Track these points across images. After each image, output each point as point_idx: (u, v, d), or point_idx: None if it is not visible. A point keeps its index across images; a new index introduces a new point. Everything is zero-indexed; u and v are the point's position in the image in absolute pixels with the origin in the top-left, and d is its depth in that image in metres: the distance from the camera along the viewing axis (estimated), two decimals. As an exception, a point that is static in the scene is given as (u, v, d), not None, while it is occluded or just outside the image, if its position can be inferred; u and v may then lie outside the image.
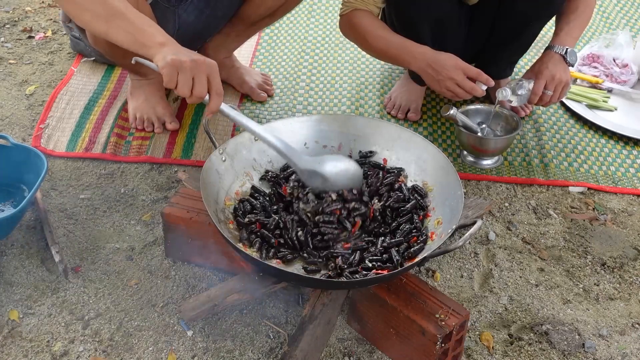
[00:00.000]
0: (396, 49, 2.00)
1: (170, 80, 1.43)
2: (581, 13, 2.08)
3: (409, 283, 1.51)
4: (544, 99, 2.05)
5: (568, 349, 1.61)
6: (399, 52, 2.00)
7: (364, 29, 2.04)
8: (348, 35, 2.14)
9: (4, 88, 2.37)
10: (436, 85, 1.96)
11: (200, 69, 1.43)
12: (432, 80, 1.96)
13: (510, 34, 2.14)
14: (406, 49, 1.98)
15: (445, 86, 1.93)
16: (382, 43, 2.02)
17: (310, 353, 1.46)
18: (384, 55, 2.09)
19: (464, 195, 1.56)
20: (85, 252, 1.79)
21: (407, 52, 1.98)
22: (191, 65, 1.43)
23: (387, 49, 2.02)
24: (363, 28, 2.04)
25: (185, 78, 1.43)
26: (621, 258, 1.85)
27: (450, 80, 1.92)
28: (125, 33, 1.51)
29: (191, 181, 1.78)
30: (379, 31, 2.02)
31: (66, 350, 1.55)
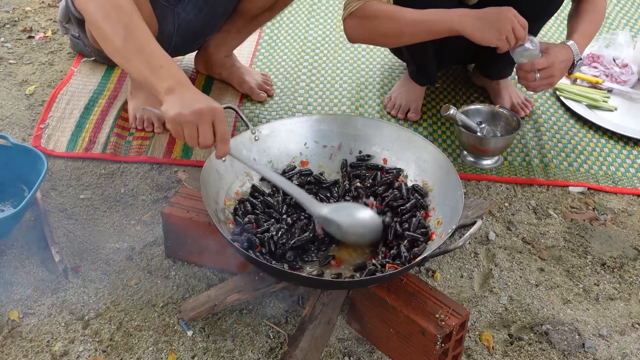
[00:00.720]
0: (434, 17, 1.89)
1: (176, 134, 1.46)
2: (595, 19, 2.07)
3: (409, 283, 1.51)
4: (528, 78, 1.97)
5: (568, 349, 1.61)
6: (437, 19, 1.88)
7: (389, 13, 1.91)
8: (362, 32, 2.00)
9: (4, 88, 2.37)
10: (494, 33, 1.84)
11: (203, 120, 1.43)
12: (487, 29, 1.85)
13: None
14: (447, 13, 1.88)
15: (505, 29, 1.84)
16: (416, 16, 1.90)
17: (310, 353, 1.46)
18: (419, 31, 1.93)
19: (464, 195, 1.56)
20: (85, 252, 1.79)
21: (448, 16, 1.87)
22: (193, 119, 1.43)
23: (423, 21, 1.90)
24: (388, 13, 1.91)
25: (190, 131, 1.44)
26: (621, 258, 1.86)
27: (509, 22, 1.84)
28: (139, 73, 1.52)
29: (191, 181, 1.79)
30: (405, 10, 1.91)
31: (66, 350, 1.55)
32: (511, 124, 2.11)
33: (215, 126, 1.45)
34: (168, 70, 1.50)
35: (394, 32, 1.97)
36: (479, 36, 1.86)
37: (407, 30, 1.95)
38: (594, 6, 2.08)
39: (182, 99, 1.46)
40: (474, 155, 2.13)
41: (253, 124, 1.81)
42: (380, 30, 1.97)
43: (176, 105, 1.45)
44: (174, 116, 1.44)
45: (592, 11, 2.07)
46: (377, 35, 2.01)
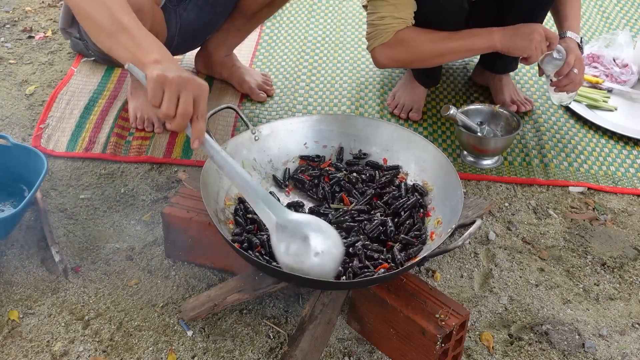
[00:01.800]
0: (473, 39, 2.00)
1: (154, 95, 1.31)
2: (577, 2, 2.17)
3: (409, 283, 1.51)
4: (570, 76, 2.07)
5: (568, 349, 1.61)
6: (477, 41, 2.00)
7: (425, 40, 1.99)
8: (398, 60, 2.08)
9: (4, 88, 2.37)
10: (526, 43, 1.96)
11: (187, 87, 1.31)
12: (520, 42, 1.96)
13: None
14: (482, 32, 1.99)
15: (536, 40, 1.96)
16: (454, 43, 2.00)
17: (310, 353, 1.46)
18: (457, 54, 2.07)
19: (464, 195, 1.56)
20: (85, 252, 1.79)
21: (485, 33, 1.99)
22: (177, 82, 1.30)
23: (461, 45, 2.01)
24: (424, 40, 1.99)
25: (170, 95, 1.31)
26: (621, 258, 1.86)
27: (539, 35, 1.96)
28: (125, 50, 1.42)
29: (191, 181, 1.78)
30: (441, 35, 2.00)
31: (66, 350, 1.55)
32: (511, 124, 2.11)
33: (197, 101, 1.32)
34: (153, 45, 1.41)
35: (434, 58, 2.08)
36: (514, 47, 1.98)
37: (448, 56, 2.09)
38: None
39: (169, 67, 1.34)
40: (474, 155, 2.13)
41: (253, 124, 1.81)
42: (419, 58, 2.06)
43: (162, 69, 1.33)
44: (157, 76, 1.30)
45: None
46: (414, 62, 2.12)
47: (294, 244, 1.38)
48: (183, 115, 1.32)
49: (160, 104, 1.32)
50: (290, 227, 1.39)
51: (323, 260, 1.38)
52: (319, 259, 1.37)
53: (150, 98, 1.32)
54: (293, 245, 1.38)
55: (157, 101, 1.32)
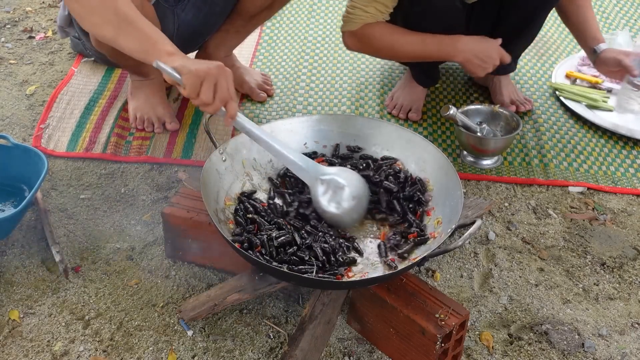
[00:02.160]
0: (435, 46, 2.02)
1: (193, 89, 1.45)
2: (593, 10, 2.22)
3: (409, 283, 1.52)
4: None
5: (568, 349, 1.61)
6: (438, 49, 2.03)
7: (387, 38, 2.03)
8: (360, 49, 2.14)
9: (5, 88, 2.38)
10: (478, 70, 2.04)
11: (221, 75, 1.47)
12: (475, 67, 2.04)
13: (516, 28, 2.14)
14: (446, 44, 2.02)
15: (486, 70, 2.05)
16: (416, 46, 2.03)
17: (310, 353, 1.47)
18: (418, 56, 2.09)
19: (464, 195, 1.56)
20: (86, 252, 1.79)
21: (448, 47, 2.02)
22: (216, 72, 1.46)
23: (423, 49, 2.04)
24: (386, 38, 2.03)
25: (209, 85, 1.45)
26: (621, 258, 1.86)
27: (493, 66, 2.04)
28: (134, 40, 1.53)
29: (191, 181, 1.79)
30: (407, 36, 2.03)
31: (66, 350, 1.56)
32: (511, 124, 2.11)
33: (229, 85, 1.48)
34: (163, 38, 1.54)
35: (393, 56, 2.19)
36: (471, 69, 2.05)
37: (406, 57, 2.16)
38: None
39: (189, 59, 1.49)
40: (474, 155, 2.13)
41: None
42: (381, 53, 2.16)
43: (193, 62, 1.47)
44: (196, 70, 1.45)
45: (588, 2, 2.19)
46: (376, 55, 2.22)
47: (334, 193, 1.60)
48: (222, 100, 1.48)
49: (198, 94, 1.46)
50: (328, 179, 1.61)
51: (358, 203, 1.62)
52: (356, 202, 1.62)
53: (189, 91, 1.46)
54: (333, 194, 1.60)
55: (195, 93, 1.46)
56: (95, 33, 1.63)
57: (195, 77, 1.45)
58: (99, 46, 2.01)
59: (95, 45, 2.01)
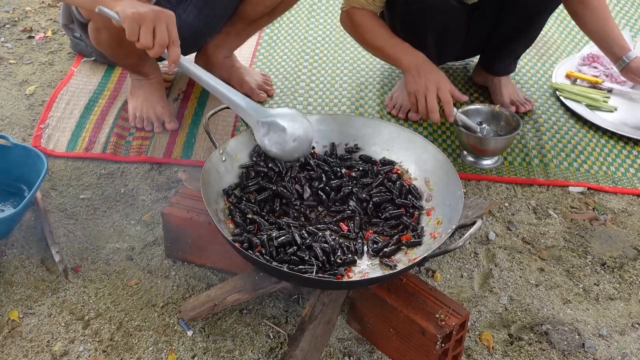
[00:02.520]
0: (392, 49, 2.08)
1: (132, 32, 1.48)
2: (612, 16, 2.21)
3: (409, 283, 1.51)
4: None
5: (568, 349, 1.61)
6: (394, 52, 2.07)
7: (362, 27, 2.10)
8: (346, 30, 2.20)
9: (4, 88, 2.38)
10: (410, 86, 2.02)
11: (160, 19, 1.48)
12: (410, 81, 2.02)
13: (516, 29, 2.14)
14: (402, 50, 2.06)
15: (415, 90, 2.00)
16: (379, 41, 2.09)
17: (310, 353, 1.47)
18: (379, 53, 2.16)
19: (464, 195, 1.56)
20: (86, 252, 1.79)
21: (401, 53, 2.05)
22: (152, 16, 1.47)
23: (383, 47, 2.09)
24: (362, 26, 2.10)
25: (147, 29, 1.47)
26: (621, 258, 1.86)
27: (423, 89, 1.98)
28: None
29: (191, 181, 1.78)
30: (376, 30, 2.08)
31: (66, 350, 1.55)
32: (511, 124, 2.11)
33: (169, 29, 1.50)
34: None
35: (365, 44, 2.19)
36: (406, 84, 2.05)
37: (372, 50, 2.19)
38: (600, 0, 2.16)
39: (134, 3, 1.52)
40: (474, 155, 2.13)
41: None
42: (357, 37, 2.18)
43: (133, 6, 1.50)
44: (132, 14, 1.47)
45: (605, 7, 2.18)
46: (355, 38, 2.21)
47: (275, 135, 1.65)
48: (161, 44, 1.50)
49: (138, 38, 1.48)
50: (269, 121, 1.65)
51: (300, 144, 1.67)
52: (297, 143, 1.66)
53: (128, 35, 1.48)
54: (274, 135, 1.65)
55: (135, 36, 1.49)
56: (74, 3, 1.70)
57: (132, 20, 1.47)
58: (98, 45, 2.01)
59: (95, 45, 2.02)
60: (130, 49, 2.00)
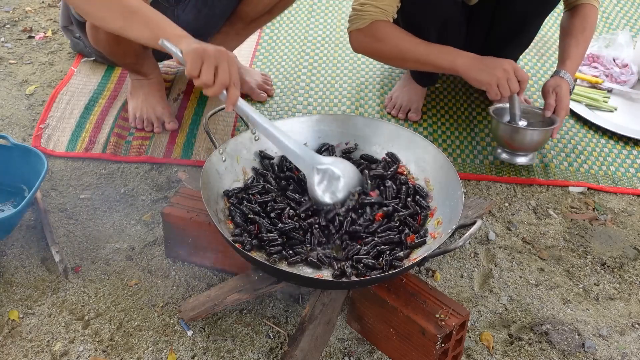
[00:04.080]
0: (439, 54, 1.96)
1: (193, 67, 1.45)
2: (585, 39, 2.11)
3: (409, 283, 1.51)
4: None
5: (568, 349, 1.61)
6: (441, 56, 1.96)
7: (395, 39, 1.97)
8: (367, 50, 2.06)
9: (4, 88, 2.38)
10: (484, 78, 1.91)
11: (223, 58, 1.46)
12: (480, 75, 1.91)
13: (511, 32, 2.14)
14: (449, 52, 1.96)
15: (496, 80, 1.89)
16: (421, 50, 1.97)
17: (310, 353, 1.47)
18: (421, 62, 2.01)
19: (464, 195, 1.56)
20: (85, 252, 1.79)
21: (450, 55, 1.95)
22: (215, 54, 1.45)
23: (428, 55, 1.97)
24: (394, 39, 1.97)
25: (209, 66, 1.45)
26: (621, 258, 1.86)
27: (503, 75, 1.89)
28: (143, 28, 1.55)
29: (191, 181, 1.79)
30: (412, 39, 1.97)
31: (66, 350, 1.55)
32: (547, 122, 2.04)
33: (231, 70, 1.47)
34: (172, 23, 1.56)
35: (398, 59, 2.05)
36: (473, 76, 1.93)
37: (411, 62, 2.04)
38: (585, 22, 2.10)
39: (198, 42, 1.50)
40: (509, 152, 2.07)
41: (253, 124, 1.81)
42: (386, 54, 2.04)
43: (196, 42, 1.48)
44: (196, 48, 1.46)
45: (583, 29, 2.10)
46: (381, 57, 2.10)
47: (329, 184, 1.62)
48: (222, 83, 1.47)
49: (199, 74, 1.45)
50: (324, 169, 1.62)
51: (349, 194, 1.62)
52: (348, 193, 1.62)
53: (190, 69, 1.45)
54: (328, 184, 1.61)
55: (196, 72, 1.45)
56: (105, 27, 1.66)
57: (196, 55, 1.45)
58: (96, 44, 2.01)
59: (93, 43, 2.02)
60: (128, 47, 2.01)
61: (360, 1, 1.96)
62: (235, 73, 1.48)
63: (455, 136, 2.24)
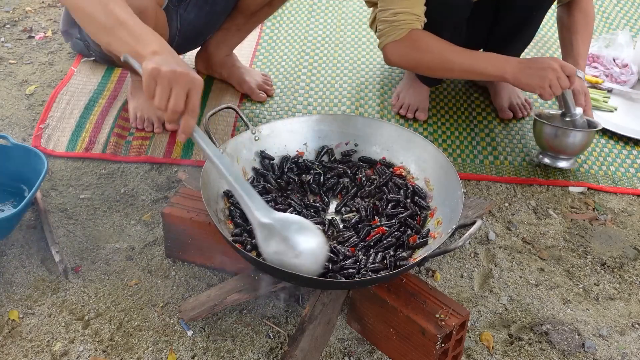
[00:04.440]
0: (485, 62, 1.93)
1: (147, 88, 1.34)
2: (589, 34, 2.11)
3: (409, 283, 1.51)
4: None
5: (568, 349, 1.61)
6: (488, 64, 1.92)
7: (438, 48, 1.92)
8: (407, 61, 1.98)
9: (4, 88, 2.38)
10: (535, 82, 1.88)
11: (179, 81, 1.32)
12: (530, 78, 1.89)
13: (516, 27, 2.14)
14: (498, 60, 1.92)
15: (549, 81, 1.87)
16: (467, 60, 1.93)
17: (310, 353, 1.47)
18: (467, 71, 1.97)
19: (464, 195, 1.56)
20: (85, 252, 1.79)
21: (500, 62, 1.92)
22: (170, 76, 1.32)
23: (474, 64, 1.93)
24: (437, 48, 1.92)
25: (162, 89, 1.32)
26: (621, 258, 1.86)
27: (554, 75, 1.87)
28: (124, 43, 1.43)
29: (191, 181, 1.79)
30: (456, 48, 1.92)
31: (66, 350, 1.55)
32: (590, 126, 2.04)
33: (189, 95, 1.34)
34: (152, 37, 1.43)
35: (442, 69, 1.98)
36: (525, 82, 1.90)
37: (457, 71, 1.99)
38: (587, 17, 2.11)
39: (166, 59, 1.36)
40: (552, 155, 2.06)
41: (253, 124, 1.81)
42: (429, 65, 1.97)
43: (157, 61, 1.34)
44: (150, 69, 1.32)
45: (585, 24, 2.10)
46: (423, 68, 2.03)
47: (275, 243, 1.39)
48: (173, 110, 1.34)
49: (153, 96, 1.34)
50: (271, 226, 1.40)
51: (304, 261, 1.39)
52: (300, 260, 1.39)
53: (145, 90, 1.35)
54: (274, 244, 1.40)
55: (150, 94, 1.35)
56: (95, 40, 1.58)
57: (149, 76, 1.33)
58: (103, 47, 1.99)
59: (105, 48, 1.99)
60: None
61: (390, 11, 1.91)
62: (195, 100, 1.35)
63: (455, 136, 2.24)
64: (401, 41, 1.92)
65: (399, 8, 1.89)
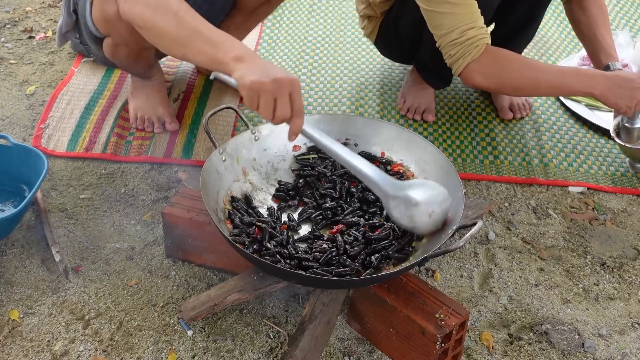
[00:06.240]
0: (575, 79, 1.86)
1: (251, 103, 1.36)
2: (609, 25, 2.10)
3: (409, 283, 1.52)
4: None
5: (568, 349, 1.61)
6: (577, 82, 1.86)
7: (521, 65, 1.84)
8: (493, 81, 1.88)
9: (5, 88, 2.38)
10: (622, 102, 1.86)
11: (282, 90, 1.35)
12: (618, 98, 1.86)
13: (519, 25, 2.13)
14: (587, 77, 1.87)
15: (637, 99, 1.86)
16: (554, 76, 1.87)
17: (310, 353, 1.47)
18: (555, 89, 1.93)
19: (464, 196, 1.56)
20: (86, 252, 1.79)
21: (588, 78, 1.86)
22: (272, 87, 1.34)
23: (562, 82, 1.86)
24: (520, 64, 1.84)
25: (267, 101, 1.34)
26: (621, 258, 1.86)
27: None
28: (201, 53, 1.43)
29: (191, 181, 1.79)
30: (539, 64, 1.85)
31: (66, 350, 1.56)
32: None
33: (292, 99, 1.37)
34: (232, 43, 1.43)
35: (530, 87, 1.90)
36: (613, 101, 1.87)
37: (543, 89, 1.94)
38: (604, 9, 2.10)
39: (256, 66, 1.37)
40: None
41: (253, 124, 1.81)
42: (514, 84, 1.89)
43: (253, 72, 1.35)
44: (251, 83, 1.34)
45: (604, 17, 2.09)
46: (508, 87, 1.94)
47: (407, 209, 1.50)
48: (282, 118, 1.37)
49: (257, 107, 1.36)
50: (401, 196, 1.51)
51: (436, 217, 1.52)
52: (433, 218, 1.51)
53: (246, 104, 1.37)
54: (406, 209, 1.51)
55: (254, 107, 1.36)
56: (169, 54, 1.54)
57: (251, 90, 1.34)
58: (113, 57, 1.98)
59: (110, 57, 1.98)
60: (145, 61, 1.99)
61: (455, 31, 1.80)
62: (299, 102, 1.37)
63: (456, 136, 2.24)
64: (481, 59, 1.82)
65: (463, 24, 1.79)
